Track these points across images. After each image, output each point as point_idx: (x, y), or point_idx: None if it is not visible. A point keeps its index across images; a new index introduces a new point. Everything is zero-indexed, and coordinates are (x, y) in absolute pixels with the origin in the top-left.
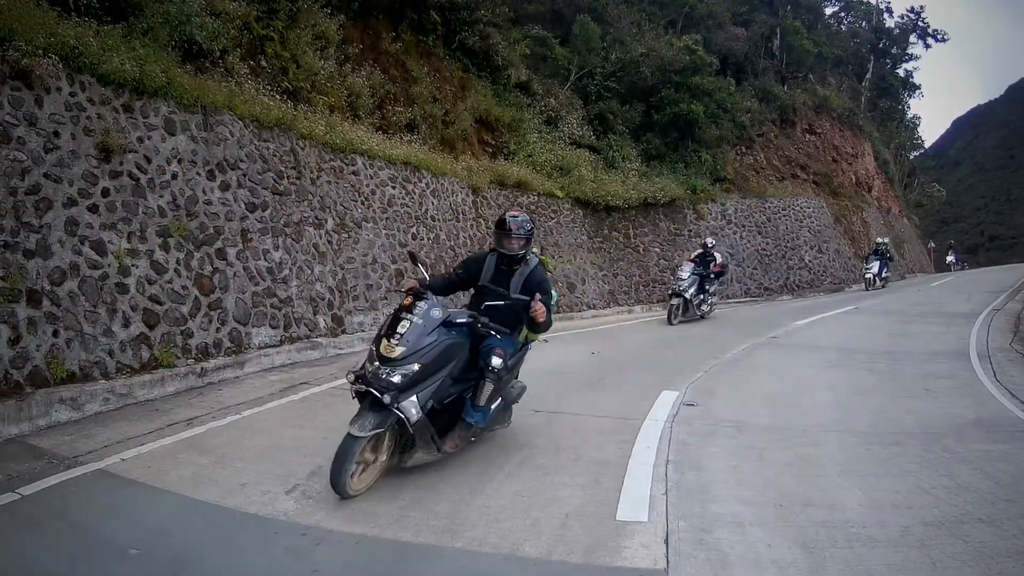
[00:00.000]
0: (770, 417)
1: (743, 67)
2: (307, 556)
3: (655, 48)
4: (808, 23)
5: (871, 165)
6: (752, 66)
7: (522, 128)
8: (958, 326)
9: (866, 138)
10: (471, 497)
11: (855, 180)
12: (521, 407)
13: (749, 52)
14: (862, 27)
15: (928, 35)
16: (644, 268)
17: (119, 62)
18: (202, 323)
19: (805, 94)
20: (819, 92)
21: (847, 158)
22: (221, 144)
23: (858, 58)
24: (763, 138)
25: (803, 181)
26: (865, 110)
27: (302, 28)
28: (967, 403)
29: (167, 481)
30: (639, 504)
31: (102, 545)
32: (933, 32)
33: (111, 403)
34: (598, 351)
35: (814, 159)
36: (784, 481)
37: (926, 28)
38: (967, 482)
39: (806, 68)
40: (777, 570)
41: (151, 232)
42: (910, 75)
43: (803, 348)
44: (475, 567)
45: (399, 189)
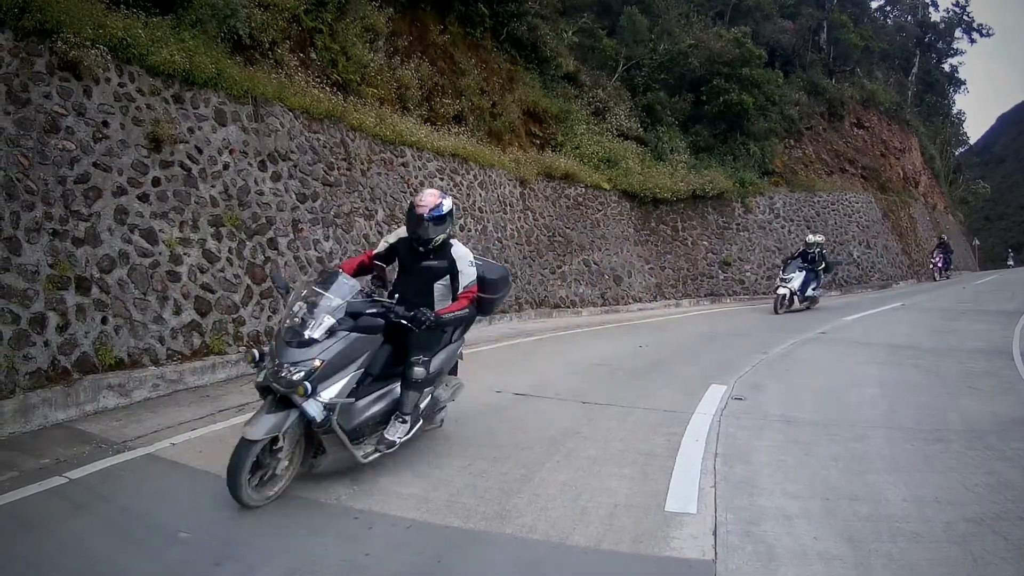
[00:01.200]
0: (817, 412)
1: (791, 60)
2: (359, 540)
3: (703, 40)
4: (854, 17)
5: (918, 160)
6: (800, 59)
7: (570, 120)
8: (1000, 324)
9: (913, 133)
10: (521, 485)
11: (903, 175)
12: (570, 399)
13: (796, 45)
14: (908, 21)
15: (973, 30)
16: (692, 262)
17: (168, 53)
18: (254, 311)
19: (852, 88)
20: (866, 86)
21: (895, 153)
22: (272, 135)
23: (904, 52)
24: (811, 131)
25: (851, 175)
26: (911, 105)
27: (351, 20)
28: (1009, 401)
29: (218, 466)
30: (688, 496)
31: (151, 528)
32: (978, 27)
33: (161, 389)
34: (646, 344)
35: (862, 153)
36: (830, 475)
37: (971, 23)
38: (1008, 479)
39: (853, 62)
40: (823, 563)
41: (203, 221)
42: (955, 70)
43: (850, 344)
44: (524, 554)
45: (447, 181)
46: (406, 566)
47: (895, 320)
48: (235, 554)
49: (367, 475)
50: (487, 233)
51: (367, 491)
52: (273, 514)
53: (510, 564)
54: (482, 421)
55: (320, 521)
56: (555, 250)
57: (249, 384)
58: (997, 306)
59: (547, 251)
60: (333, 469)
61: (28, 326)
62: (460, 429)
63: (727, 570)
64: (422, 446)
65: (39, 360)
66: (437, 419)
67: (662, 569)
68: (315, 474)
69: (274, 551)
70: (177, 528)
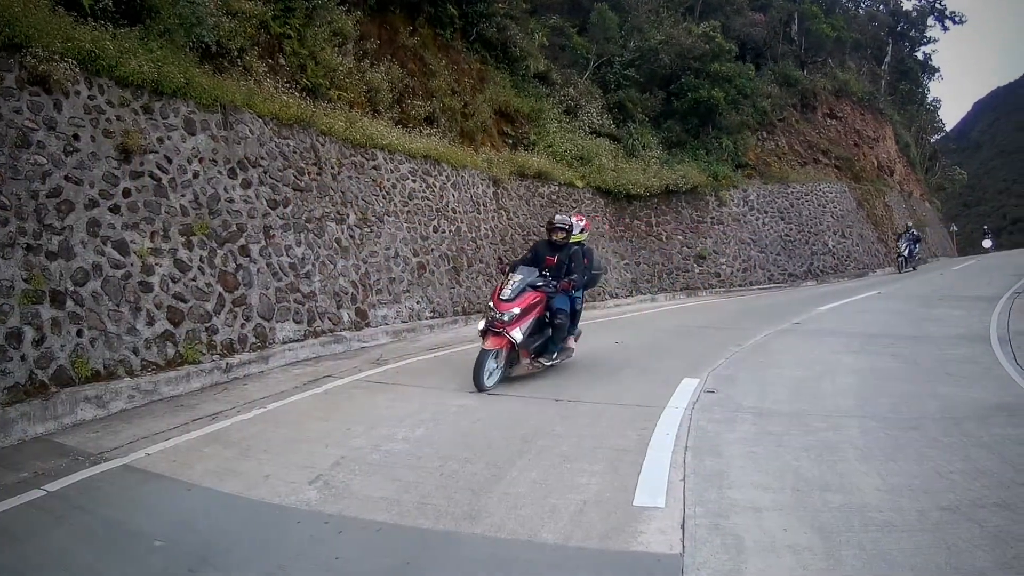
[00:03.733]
0: (790, 403)
1: (762, 52)
2: (329, 544)
3: (673, 36)
4: (826, 7)
5: (892, 149)
6: (771, 51)
7: (541, 118)
8: (979, 311)
9: (887, 121)
10: (492, 484)
11: (877, 164)
12: (543, 397)
13: (768, 37)
14: (880, 10)
15: (946, 17)
16: (667, 256)
17: (136, 64)
18: (227, 319)
19: (825, 78)
20: (839, 76)
21: (868, 142)
22: (241, 142)
23: (877, 41)
24: (784, 123)
25: (825, 166)
26: (885, 94)
27: (319, 25)
28: (988, 387)
29: (192, 474)
30: (656, 490)
31: (128, 538)
32: (951, 14)
33: (136, 400)
34: (621, 340)
35: (836, 143)
36: (802, 466)
37: (943, 10)
38: (984, 466)
39: (825, 52)
40: (793, 555)
41: (174, 231)
42: (929, 58)
43: (826, 334)
44: (494, 553)
45: (420, 182)
46: (376, 569)
47: (871, 308)
48: (209, 560)
49: (338, 479)
50: (461, 234)
51: (338, 495)
52: (246, 520)
53: (479, 564)
54: (456, 422)
55: (291, 526)
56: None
57: (223, 393)
58: (976, 292)
59: (521, 250)
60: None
61: (5, 341)
62: (434, 431)
63: (694, 563)
64: (396, 448)
65: (16, 375)
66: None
67: (630, 564)
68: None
69: (246, 557)
70: (153, 536)
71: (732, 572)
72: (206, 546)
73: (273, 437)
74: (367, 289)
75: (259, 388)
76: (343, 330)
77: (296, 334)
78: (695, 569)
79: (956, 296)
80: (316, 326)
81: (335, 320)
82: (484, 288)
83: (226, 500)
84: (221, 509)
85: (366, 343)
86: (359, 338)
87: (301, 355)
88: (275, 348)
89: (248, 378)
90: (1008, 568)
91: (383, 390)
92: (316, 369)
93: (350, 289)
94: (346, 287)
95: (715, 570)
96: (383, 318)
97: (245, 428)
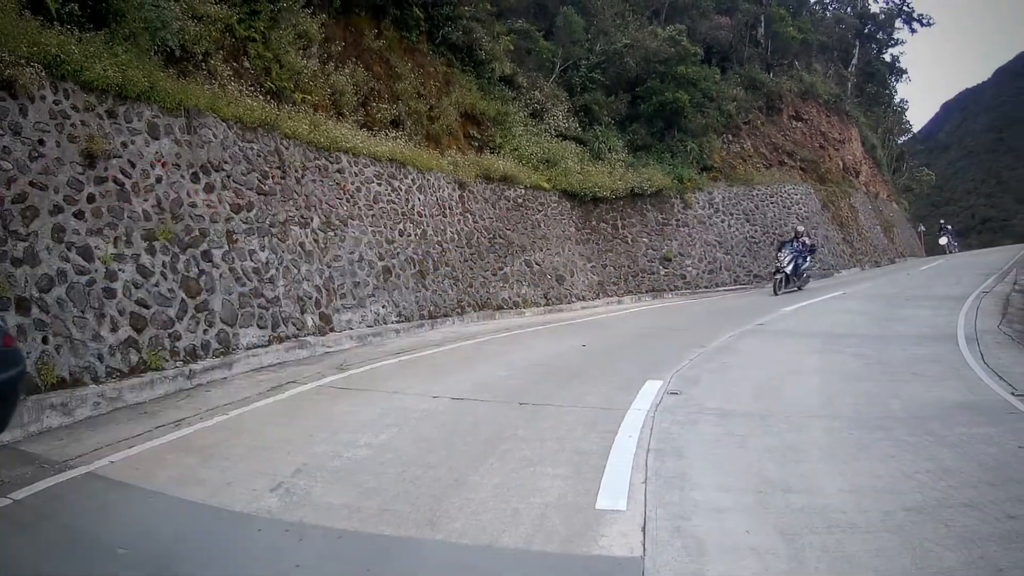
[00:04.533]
0: (753, 404)
1: (728, 56)
2: (290, 552)
3: (639, 39)
4: (792, 10)
5: (858, 151)
6: (737, 54)
7: (508, 121)
8: (946, 310)
9: (853, 123)
10: (454, 490)
11: (842, 166)
12: (507, 401)
13: (734, 40)
14: (847, 13)
15: (913, 19)
16: (633, 258)
17: (101, 68)
18: (189, 325)
19: (791, 81)
20: (805, 79)
21: (834, 144)
22: (205, 146)
23: (844, 44)
24: (749, 126)
25: (790, 168)
26: (852, 96)
27: (284, 28)
28: (954, 386)
29: (155, 482)
30: (618, 493)
31: (92, 546)
32: (918, 16)
33: (101, 407)
34: (587, 343)
35: (801, 146)
36: (765, 467)
37: (911, 13)
38: (951, 466)
39: (791, 55)
40: (755, 556)
41: (137, 236)
42: (896, 60)
43: (789, 334)
44: (454, 559)
45: (385, 186)
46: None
47: (836, 309)
48: (171, 568)
49: (299, 486)
50: (427, 237)
51: (299, 503)
52: (207, 528)
53: (439, 570)
54: (419, 427)
55: (253, 534)
56: (496, 252)
57: (187, 400)
58: (943, 291)
59: (488, 253)
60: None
61: None
62: (397, 437)
63: (655, 566)
64: (358, 454)
65: None
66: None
67: (590, 568)
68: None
69: (207, 564)
70: (117, 545)
71: (693, 575)
72: (168, 554)
73: (235, 444)
74: (332, 294)
75: (222, 394)
76: (307, 335)
77: (260, 339)
78: (656, 572)
79: (922, 296)
80: (280, 331)
81: (299, 325)
82: (451, 292)
83: (188, 508)
84: (183, 517)
85: (331, 348)
86: (323, 343)
87: (265, 361)
88: (239, 354)
89: (211, 384)
90: (975, 568)
91: (346, 396)
92: (280, 375)
93: (314, 294)
94: (310, 292)
95: (676, 573)
96: (348, 323)
97: (207, 435)
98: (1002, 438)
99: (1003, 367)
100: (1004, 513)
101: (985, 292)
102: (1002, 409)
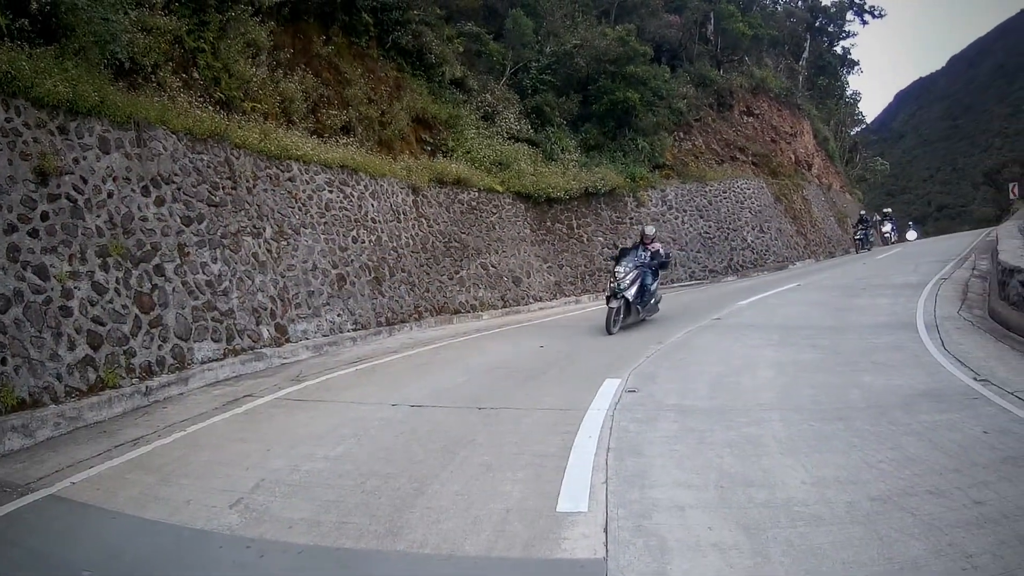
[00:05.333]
0: (712, 399)
1: (678, 53)
2: (252, 568)
3: (589, 39)
4: (742, 5)
5: (810, 143)
6: (687, 52)
7: (459, 125)
8: (905, 297)
9: (805, 117)
10: (414, 499)
11: (794, 159)
12: (466, 406)
13: (683, 38)
14: (798, 6)
15: (865, 11)
16: (589, 258)
17: (52, 84)
18: (144, 341)
19: (741, 77)
20: (755, 74)
21: (786, 138)
22: (155, 159)
23: (795, 38)
24: (700, 123)
25: (742, 163)
26: (803, 89)
27: (233, 38)
28: (915, 374)
29: (116, 502)
30: (579, 494)
31: (56, 569)
32: (870, 8)
33: (62, 427)
34: (545, 344)
35: (753, 140)
36: (725, 462)
37: (863, 5)
38: (914, 454)
39: (742, 51)
40: (718, 553)
41: (91, 253)
42: (848, 52)
43: (746, 328)
44: (414, 570)
45: (336, 193)
46: None
47: (792, 301)
48: None
49: (258, 501)
50: (381, 243)
51: (258, 519)
52: (169, 546)
53: None
54: (377, 437)
55: (214, 551)
56: (452, 256)
57: (144, 417)
58: (901, 279)
59: (444, 257)
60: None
61: None
62: (355, 447)
63: (618, 567)
64: (316, 467)
65: None
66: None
67: (554, 572)
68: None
69: None
70: (80, 567)
71: (656, 574)
72: (130, 574)
73: (193, 461)
74: (286, 304)
75: (179, 411)
76: (263, 347)
77: (215, 353)
78: (619, 572)
79: (880, 285)
80: (235, 344)
81: (255, 337)
82: (407, 298)
83: (149, 527)
84: (145, 536)
85: (287, 359)
86: (279, 354)
87: (221, 375)
88: (194, 368)
89: (168, 400)
90: (943, 556)
91: (303, 408)
92: (236, 388)
93: (269, 304)
94: (265, 303)
95: (639, 573)
96: (303, 333)
97: (166, 453)
98: (965, 424)
99: (964, 353)
100: (970, 499)
101: (944, 279)
102: (964, 395)
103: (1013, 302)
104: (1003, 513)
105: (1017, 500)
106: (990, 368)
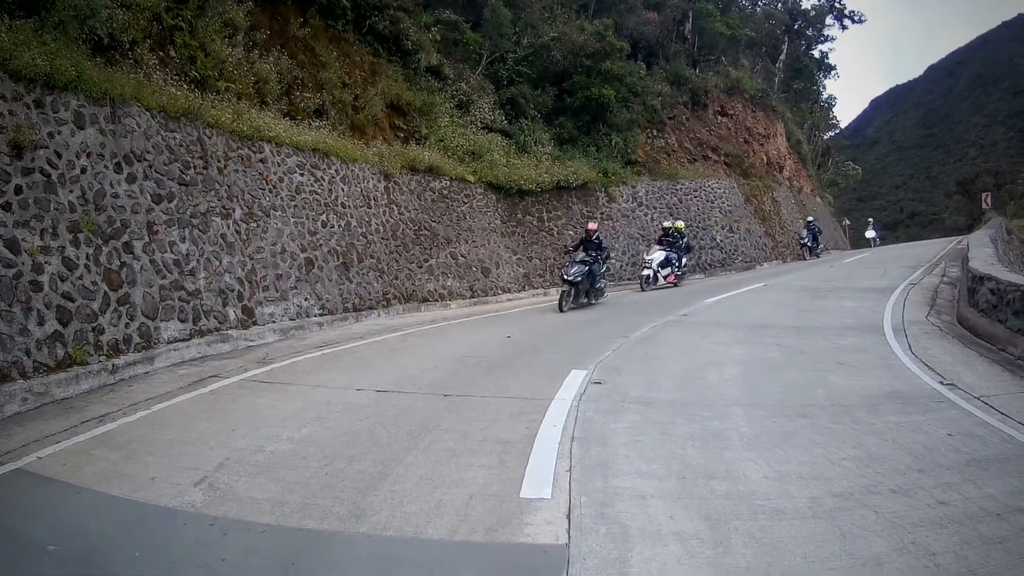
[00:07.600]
0: (676, 393)
1: (654, 51)
2: (215, 546)
3: (566, 33)
4: (722, 5)
5: (783, 146)
6: (664, 50)
7: (433, 112)
8: (872, 301)
9: (779, 119)
10: (378, 482)
11: (766, 161)
12: (432, 392)
13: (661, 36)
14: (777, 9)
15: (845, 16)
16: (558, 251)
17: (30, 57)
18: (112, 319)
19: (717, 76)
20: (731, 74)
21: (759, 139)
22: (128, 136)
23: (773, 39)
24: (674, 121)
25: (714, 163)
26: (779, 91)
27: (210, 16)
28: (880, 376)
29: (81, 477)
30: (543, 481)
31: (21, 543)
32: (850, 13)
33: (30, 403)
34: (512, 334)
35: (725, 141)
36: (688, 454)
37: (843, 10)
38: (878, 453)
39: (719, 51)
40: (679, 542)
41: (62, 228)
42: (825, 56)
43: (712, 325)
44: (378, 551)
45: (308, 176)
46: (261, 570)
47: (758, 300)
48: (99, 564)
49: (222, 480)
50: (351, 229)
51: (222, 497)
52: (133, 523)
53: (363, 563)
54: (342, 421)
55: (178, 528)
56: (421, 244)
57: (110, 394)
58: (869, 283)
59: (413, 245)
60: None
61: None
62: (319, 430)
63: (580, 553)
64: (281, 448)
65: None
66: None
67: (515, 556)
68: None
69: (134, 560)
70: (46, 541)
71: (618, 561)
72: (96, 550)
73: (158, 439)
74: (254, 286)
75: (145, 389)
76: (229, 328)
77: (181, 333)
78: (581, 559)
79: (847, 288)
80: (202, 325)
81: (221, 318)
82: (375, 284)
83: (114, 503)
84: (110, 512)
85: (253, 342)
86: (246, 337)
87: (187, 355)
88: (160, 348)
89: (134, 379)
90: (906, 553)
91: (268, 389)
92: (202, 369)
93: (236, 286)
94: (232, 284)
95: (601, 559)
96: (270, 316)
97: (131, 430)
98: (930, 426)
99: (931, 357)
100: (934, 499)
101: (913, 284)
102: (930, 398)
103: (982, 309)
104: (967, 514)
105: (981, 502)
106: (957, 373)
